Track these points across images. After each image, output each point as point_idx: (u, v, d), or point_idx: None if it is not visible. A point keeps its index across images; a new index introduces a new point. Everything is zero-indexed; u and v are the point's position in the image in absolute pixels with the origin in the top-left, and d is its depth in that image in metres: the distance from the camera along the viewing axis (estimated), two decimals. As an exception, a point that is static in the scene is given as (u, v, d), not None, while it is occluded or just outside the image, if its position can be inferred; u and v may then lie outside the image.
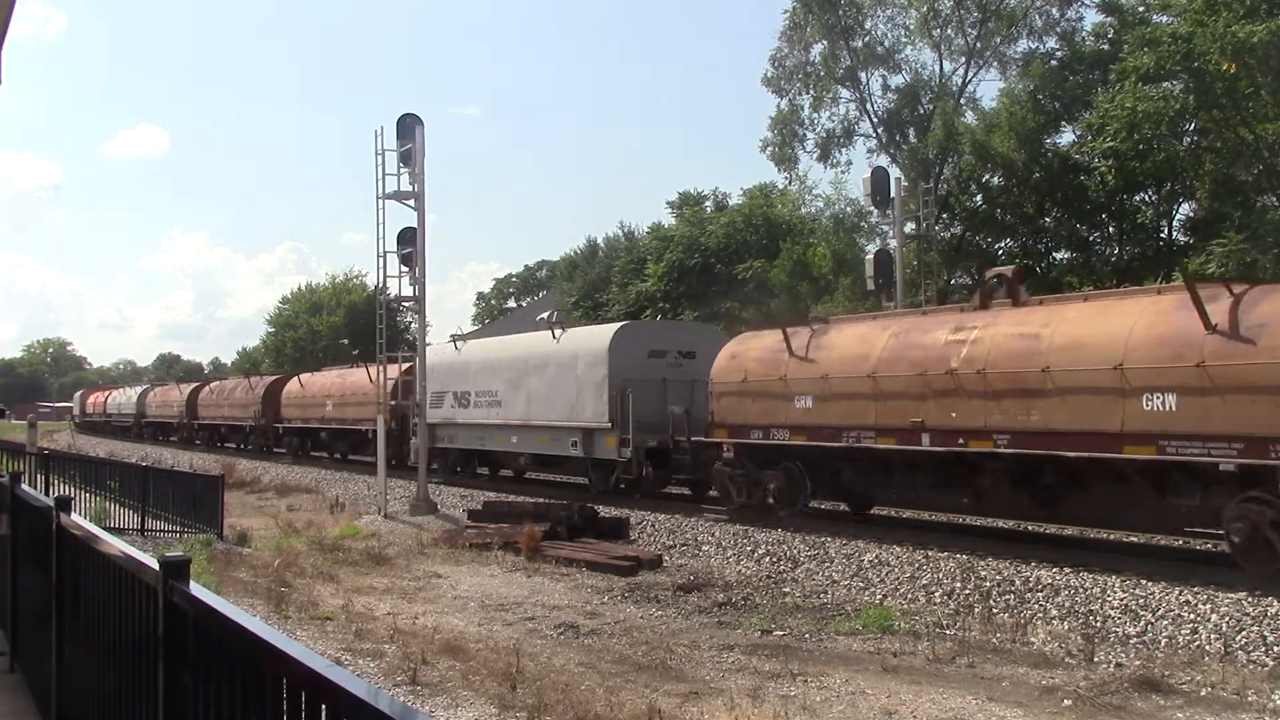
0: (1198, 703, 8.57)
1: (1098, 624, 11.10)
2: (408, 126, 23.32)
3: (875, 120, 34.89)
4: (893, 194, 26.59)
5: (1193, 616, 10.71)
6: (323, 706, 2.32)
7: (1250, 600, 10.72)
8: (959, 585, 12.85)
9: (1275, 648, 9.81)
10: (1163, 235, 29.72)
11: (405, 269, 23.86)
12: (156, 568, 3.51)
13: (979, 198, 31.65)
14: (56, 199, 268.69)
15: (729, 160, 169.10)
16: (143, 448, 51.45)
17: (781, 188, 41.75)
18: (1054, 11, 31.62)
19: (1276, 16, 21.29)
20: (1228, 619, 10.44)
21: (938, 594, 12.86)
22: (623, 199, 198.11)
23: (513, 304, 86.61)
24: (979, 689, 9.01)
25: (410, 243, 23.54)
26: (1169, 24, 24.36)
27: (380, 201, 23.38)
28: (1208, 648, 10.13)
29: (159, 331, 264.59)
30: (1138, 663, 9.72)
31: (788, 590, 13.71)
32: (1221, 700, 8.63)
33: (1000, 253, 32.33)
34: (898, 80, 34.85)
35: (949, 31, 33.44)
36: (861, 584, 13.73)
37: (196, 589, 3.27)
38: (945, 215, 31.89)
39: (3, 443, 31.57)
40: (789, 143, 35.70)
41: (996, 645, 10.58)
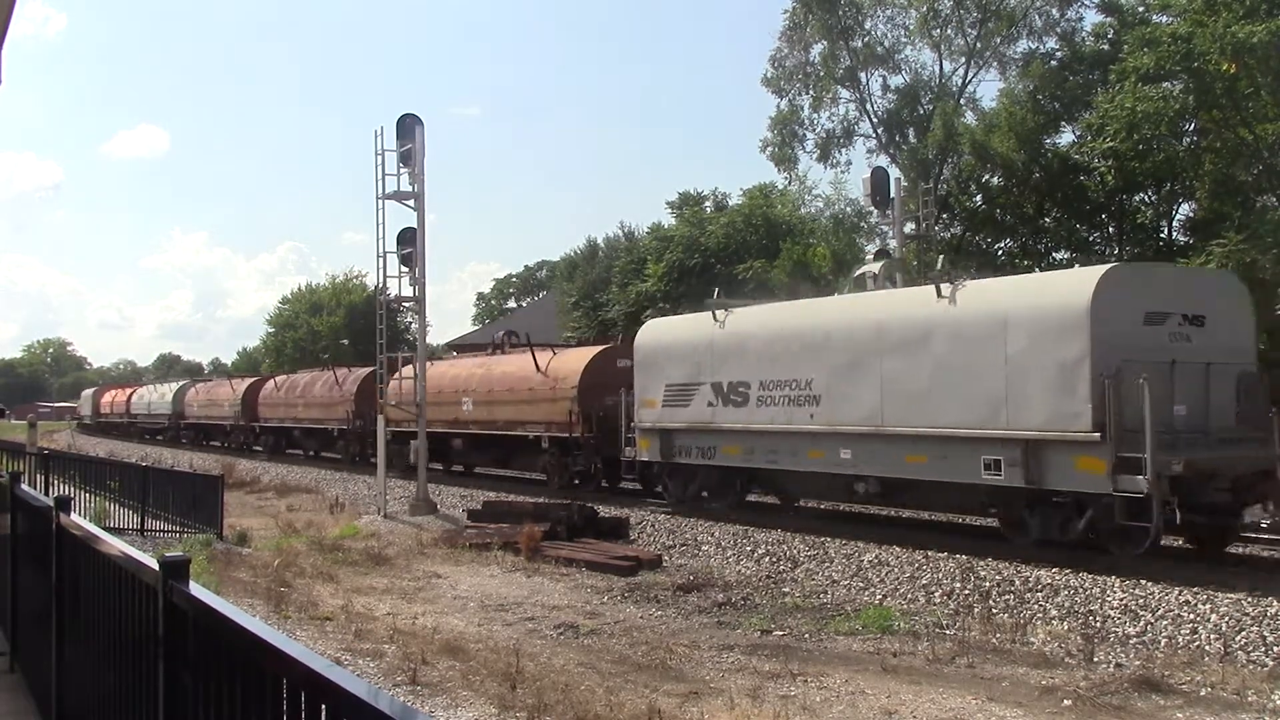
0: (1197, 703, 8.57)
1: (1097, 624, 11.10)
2: (408, 127, 23.31)
3: (875, 120, 34.90)
4: (892, 194, 26.59)
5: (1192, 616, 10.71)
6: (323, 706, 2.32)
7: (1250, 600, 10.72)
8: (959, 585, 12.84)
9: (1275, 648, 9.81)
10: (1162, 235, 29.69)
11: (405, 269, 23.84)
12: (156, 568, 3.52)
13: (979, 198, 31.64)
14: (56, 199, 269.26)
15: (729, 160, 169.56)
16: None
17: (781, 188, 41.71)
18: (1054, 11, 31.61)
19: (1276, 16, 21.26)
20: (1227, 619, 10.44)
21: (938, 594, 12.86)
22: (623, 199, 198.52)
23: (513, 304, 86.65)
24: (979, 689, 9.02)
25: (410, 243, 23.54)
26: (1169, 24, 24.32)
27: (380, 202, 23.37)
28: (1207, 648, 10.14)
29: (159, 331, 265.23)
30: (1137, 663, 9.72)
31: (788, 590, 13.71)
32: (1221, 700, 8.63)
33: (1000, 253, 32.31)
34: (897, 80, 34.88)
35: (949, 32, 33.44)
36: (861, 584, 13.74)
37: (196, 589, 3.27)
38: (945, 215, 31.89)
39: (3, 443, 31.56)
40: (789, 143, 35.69)
41: (996, 645, 10.58)
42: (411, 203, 23.38)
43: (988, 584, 12.62)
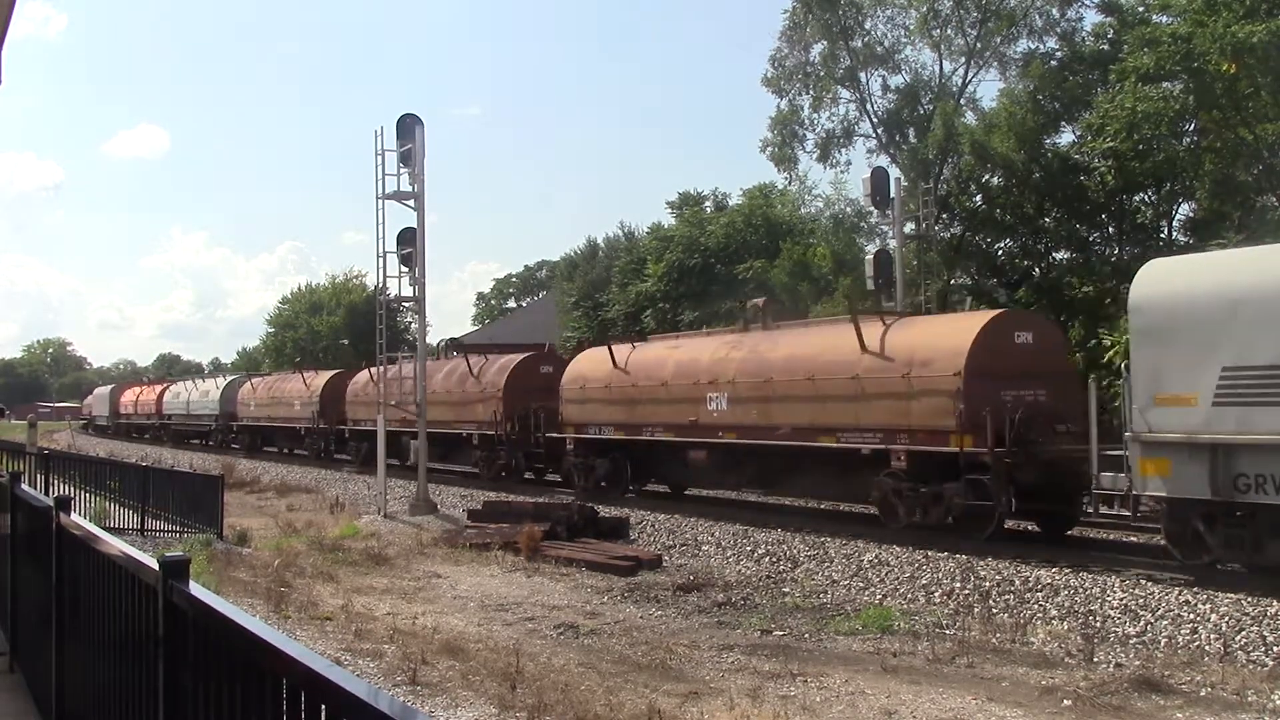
0: (1197, 703, 8.57)
1: (1098, 624, 11.11)
2: (408, 127, 23.32)
3: (875, 120, 34.85)
4: (892, 194, 26.56)
5: (1192, 616, 10.71)
6: (322, 707, 2.32)
7: (1250, 600, 10.72)
8: (959, 585, 12.85)
9: (1275, 648, 9.82)
10: (1162, 235, 29.66)
11: (405, 269, 23.86)
12: (156, 568, 3.52)
13: (979, 198, 31.58)
14: (56, 199, 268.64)
15: (729, 160, 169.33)
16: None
17: (781, 188, 41.72)
18: (1054, 11, 31.55)
19: (1276, 16, 21.26)
20: (1227, 619, 10.44)
21: (937, 594, 12.86)
22: (623, 199, 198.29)
23: (513, 304, 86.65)
24: (979, 689, 9.02)
25: (410, 243, 23.55)
26: (1169, 24, 24.33)
27: (380, 202, 23.39)
28: (1207, 648, 10.14)
29: (159, 331, 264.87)
30: (1137, 663, 9.72)
31: (787, 590, 13.71)
32: (1221, 700, 8.64)
33: (1000, 253, 32.30)
34: (898, 80, 34.80)
35: (949, 31, 33.38)
36: (861, 584, 13.74)
37: (196, 589, 3.27)
38: (945, 215, 31.84)
39: (3, 443, 31.57)
40: (789, 143, 35.62)
41: (996, 645, 10.58)
42: (411, 203, 23.39)
43: (988, 584, 12.62)
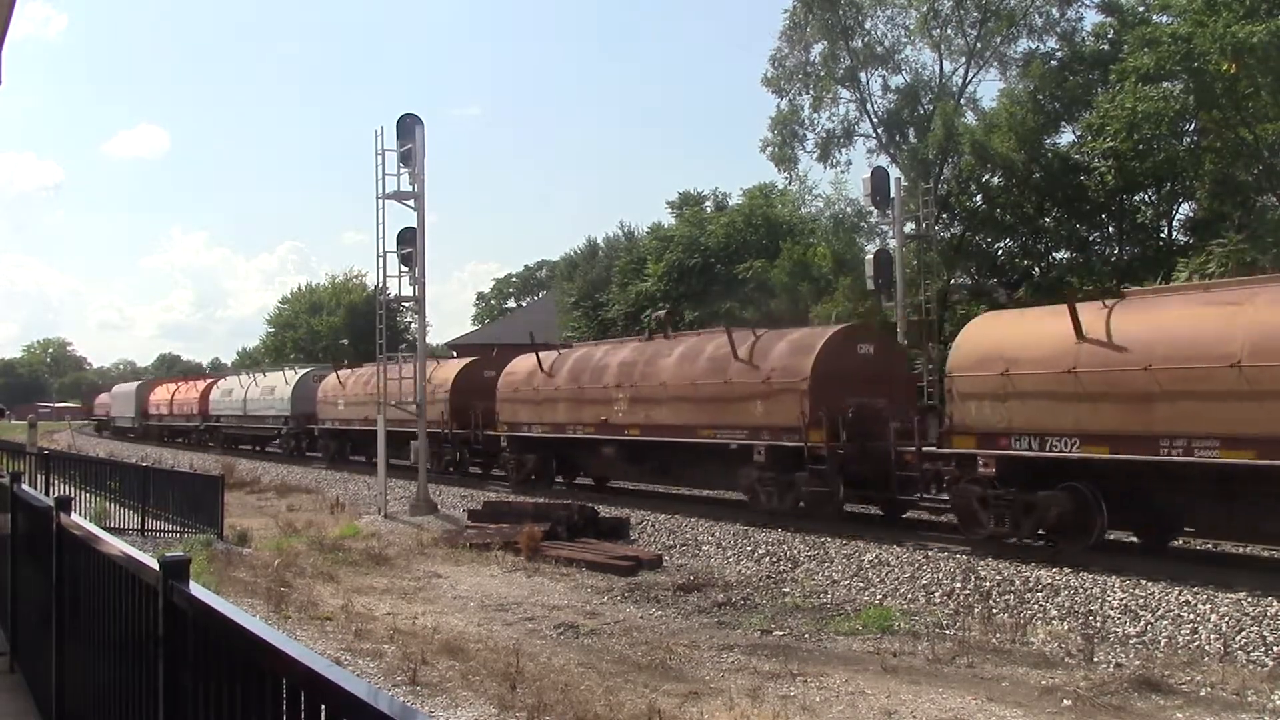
0: (1197, 703, 8.57)
1: (1098, 624, 11.11)
2: (408, 127, 23.32)
3: (875, 120, 34.83)
4: (893, 194, 26.55)
5: (1192, 616, 10.72)
6: (322, 707, 2.32)
7: (1250, 600, 10.72)
8: (959, 585, 12.85)
9: (1275, 648, 9.82)
10: (1162, 235, 29.68)
11: (405, 269, 23.86)
12: (156, 568, 3.51)
13: (979, 198, 31.58)
14: (56, 199, 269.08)
15: (729, 160, 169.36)
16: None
17: (781, 188, 41.72)
18: (1054, 11, 31.54)
19: (1276, 16, 21.27)
20: (1227, 619, 10.44)
21: (938, 594, 12.86)
22: (623, 199, 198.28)
23: (513, 304, 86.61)
24: (979, 689, 9.02)
25: (410, 243, 23.55)
26: (1169, 24, 24.33)
27: (380, 201, 23.38)
28: (1207, 648, 10.14)
29: (159, 331, 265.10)
30: (1137, 663, 9.72)
31: (788, 590, 13.71)
32: (1221, 700, 8.64)
33: (1000, 253, 32.31)
34: (898, 80, 34.78)
35: (949, 31, 33.36)
36: (861, 584, 13.73)
37: (196, 589, 3.27)
38: (945, 215, 31.84)
39: (3, 443, 31.56)
40: (789, 143, 35.61)
41: (996, 645, 10.58)
42: (411, 203, 23.39)
43: (988, 584, 12.62)
